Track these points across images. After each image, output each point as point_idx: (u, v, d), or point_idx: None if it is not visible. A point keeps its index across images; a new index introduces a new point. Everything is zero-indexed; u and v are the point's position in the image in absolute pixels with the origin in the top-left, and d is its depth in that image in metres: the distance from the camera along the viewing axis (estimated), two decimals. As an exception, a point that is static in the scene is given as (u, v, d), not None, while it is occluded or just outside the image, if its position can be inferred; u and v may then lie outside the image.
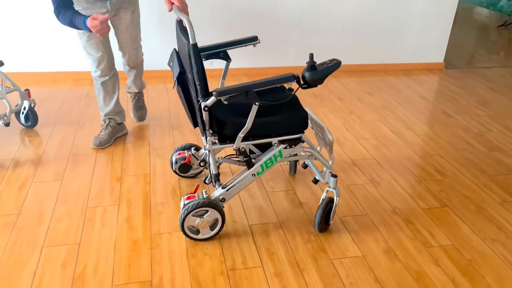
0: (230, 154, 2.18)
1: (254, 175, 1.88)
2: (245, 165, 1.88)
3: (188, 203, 1.83)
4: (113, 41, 2.57)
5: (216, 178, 1.95)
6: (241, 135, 1.78)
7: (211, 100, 1.69)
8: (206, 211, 1.84)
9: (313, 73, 1.70)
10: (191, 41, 1.64)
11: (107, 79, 2.59)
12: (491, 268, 1.84)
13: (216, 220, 1.89)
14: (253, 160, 1.89)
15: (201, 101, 1.72)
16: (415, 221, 2.10)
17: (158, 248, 1.88)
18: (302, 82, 1.73)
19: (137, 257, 1.83)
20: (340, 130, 2.99)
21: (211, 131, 1.83)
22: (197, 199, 1.84)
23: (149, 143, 2.72)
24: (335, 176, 1.93)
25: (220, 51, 2.08)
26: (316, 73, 1.70)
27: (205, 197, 1.87)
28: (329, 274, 1.77)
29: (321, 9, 3.82)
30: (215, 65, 3.61)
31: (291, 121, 1.88)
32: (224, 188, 1.87)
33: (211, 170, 1.96)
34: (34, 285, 1.67)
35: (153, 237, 1.94)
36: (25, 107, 2.77)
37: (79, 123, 2.93)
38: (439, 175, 2.49)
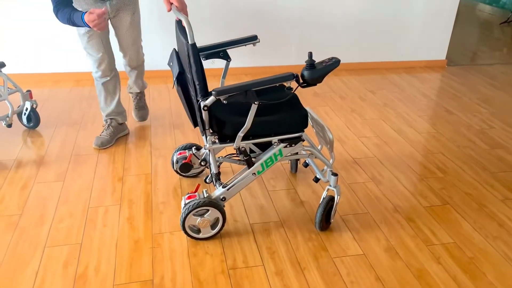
0: (231, 153, 2.19)
1: (255, 174, 1.88)
2: (246, 164, 1.88)
3: (189, 203, 1.83)
4: (113, 41, 2.58)
5: (217, 177, 1.95)
6: (240, 134, 1.79)
7: (210, 100, 1.69)
8: (207, 210, 1.85)
9: (312, 71, 1.70)
10: (189, 40, 1.64)
11: (108, 80, 2.60)
12: (493, 265, 1.84)
13: (217, 219, 1.90)
14: (253, 159, 1.89)
15: (200, 100, 1.73)
16: (416, 219, 2.10)
17: (159, 247, 1.88)
18: (301, 81, 1.73)
19: (138, 256, 1.84)
20: (342, 128, 2.98)
21: (211, 131, 1.83)
22: (197, 199, 1.84)
23: (150, 143, 2.73)
24: (335, 174, 1.93)
25: (220, 51, 2.08)
26: (315, 72, 1.70)
27: (205, 196, 1.87)
28: (330, 273, 1.77)
29: (321, 8, 3.81)
30: (215, 64, 3.62)
31: (291, 120, 1.88)
32: (225, 187, 1.88)
33: (211, 169, 1.97)
34: (36, 284, 1.69)
35: (154, 236, 1.95)
36: (27, 108, 2.78)
37: (80, 124, 2.94)
38: (440, 173, 2.49)
